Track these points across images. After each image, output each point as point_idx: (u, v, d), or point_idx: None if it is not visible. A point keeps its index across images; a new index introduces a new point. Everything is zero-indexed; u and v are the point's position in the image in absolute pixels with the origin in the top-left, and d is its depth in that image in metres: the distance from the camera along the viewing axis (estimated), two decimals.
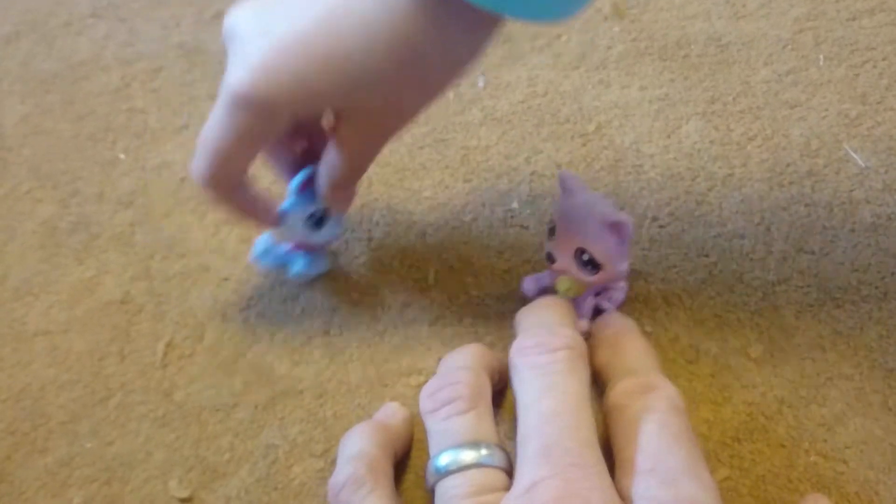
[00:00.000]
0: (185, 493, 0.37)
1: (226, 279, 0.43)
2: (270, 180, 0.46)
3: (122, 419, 0.39)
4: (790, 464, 0.36)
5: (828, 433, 0.37)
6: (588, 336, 0.38)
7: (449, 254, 0.44)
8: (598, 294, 0.40)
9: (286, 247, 0.42)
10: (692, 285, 0.42)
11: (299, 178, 0.40)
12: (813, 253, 0.43)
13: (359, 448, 0.35)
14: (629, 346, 0.37)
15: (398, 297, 0.43)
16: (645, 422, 0.32)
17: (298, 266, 0.42)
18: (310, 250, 0.42)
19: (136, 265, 0.44)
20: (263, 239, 0.42)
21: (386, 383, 0.40)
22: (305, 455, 0.37)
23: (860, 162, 0.46)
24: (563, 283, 0.39)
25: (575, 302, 0.39)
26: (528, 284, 0.41)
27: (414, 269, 0.44)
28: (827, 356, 0.39)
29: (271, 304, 0.42)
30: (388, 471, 0.34)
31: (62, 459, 0.38)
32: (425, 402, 0.34)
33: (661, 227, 0.44)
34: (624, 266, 0.38)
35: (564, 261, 0.38)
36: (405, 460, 0.37)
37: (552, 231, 0.39)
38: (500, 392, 0.38)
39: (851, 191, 0.45)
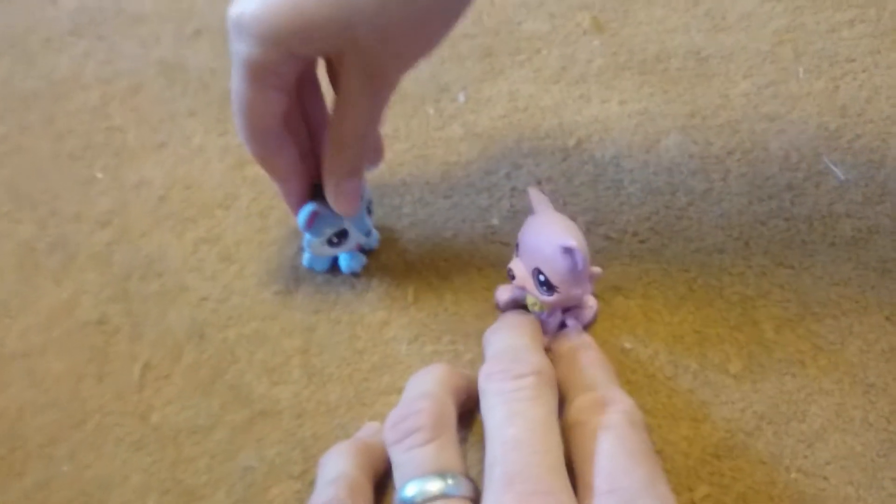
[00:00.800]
0: None
1: (204, 299, 0.43)
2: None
3: (99, 442, 0.39)
4: (771, 480, 0.36)
5: (808, 449, 0.37)
6: (547, 351, 0.39)
7: (429, 271, 0.44)
8: (566, 311, 0.40)
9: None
10: (672, 300, 0.42)
11: (304, 215, 0.40)
12: (793, 267, 0.43)
13: (339, 470, 0.34)
14: (585, 360, 0.37)
15: (377, 315, 0.42)
16: (602, 440, 0.32)
17: (343, 266, 0.44)
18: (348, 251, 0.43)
19: (113, 285, 0.44)
20: (307, 255, 0.43)
21: (365, 402, 0.39)
22: (283, 476, 0.37)
23: (840, 175, 0.46)
24: (531, 298, 0.39)
25: (542, 318, 0.39)
26: (501, 295, 0.42)
27: (393, 286, 0.43)
28: (807, 371, 0.39)
29: (250, 324, 0.42)
30: (368, 492, 0.34)
31: (39, 482, 0.38)
32: (388, 434, 0.34)
33: (640, 242, 0.44)
34: (578, 291, 0.37)
35: (524, 278, 0.38)
36: (385, 480, 0.37)
37: (517, 248, 0.39)
38: (471, 412, 0.38)
39: (831, 204, 0.45)
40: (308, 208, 0.40)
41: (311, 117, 0.41)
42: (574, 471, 0.32)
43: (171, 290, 0.44)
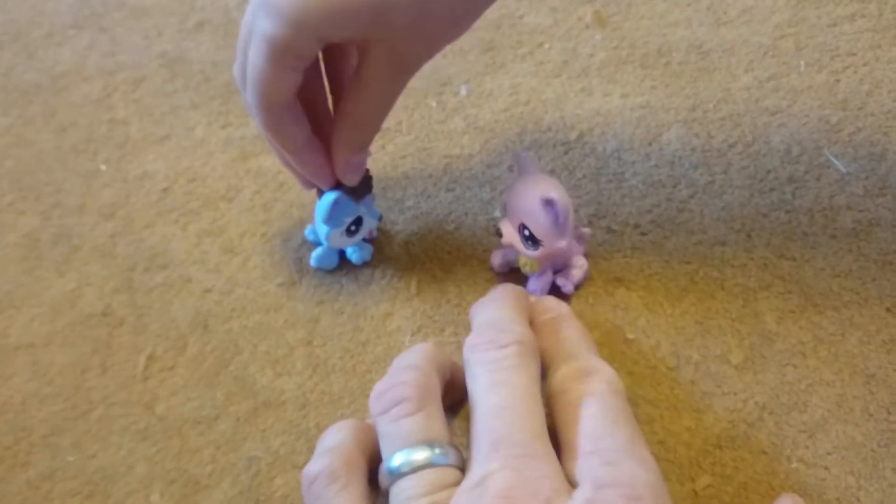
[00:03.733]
0: None
1: (208, 290, 0.43)
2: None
3: (104, 432, 0.39)
4: (772, 471, 0.36)
5: (809, 440, 0.37)
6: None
7: (432, 263, 0.44)
8: (558, 272, 0.41)
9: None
10: (674, 292, 0.42)
11: (326, 203, 0.40)
12: (794, 259, 0.43)
13: (336, 441, 0.34)
14: (567, 331, 0.37)
15: (381, 306, 0.43)
16: (585, 405, 0.32)
17: (354, 258, 0.44)
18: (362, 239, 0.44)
19: (117, 277, 0.44)
20: (316, 252, 0.44)
21: (368, 393, 0.39)
22: (288, 467, 0.37)
23: (841, 168, 0.47)
24: (521, 259, 0.41)
25: (532, 277, 0.41)
26: (494, 258, 0.43)
27: (396, 278, 0.44)
28: (808, 362, 0.39)
29: (254, 316, 0.42)
30: (363, 468, 0.34)
31: (44, 473, 0.38)
32: (374, 405, 0.34)
33: (642, 234, 0.44)
34: (561, 244, 0.39)
35: (511, 236, 0.40)
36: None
37: (505, 208, 0.41)
38: (456, 393, 0.38)
39: (832, 197, 0.45)
40: (331, 196, 0.40)
41: (312, 93, 0.41)
42: (558, 438, 0.33)
43: (176, 281, 0.44)
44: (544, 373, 0.36)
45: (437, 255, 0.45)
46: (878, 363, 0.39)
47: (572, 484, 0.30)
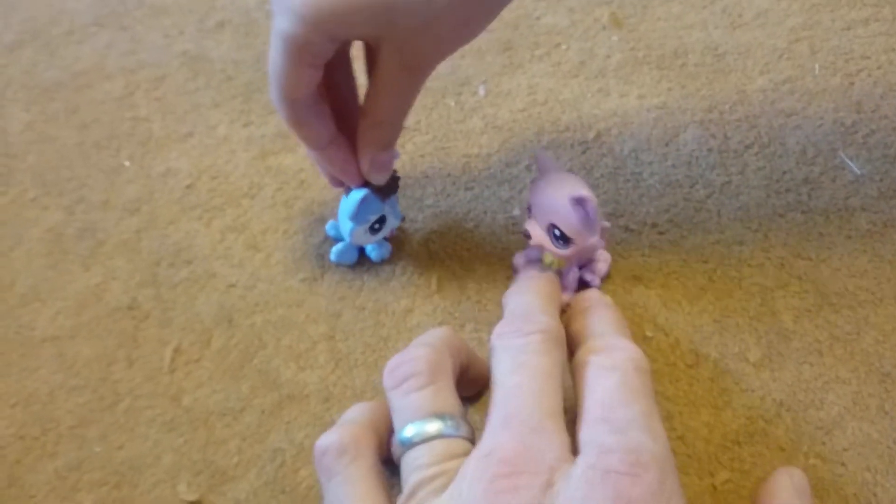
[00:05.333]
0: (193, 497, 0.37)
1: (232, 286, 0.44)
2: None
3: (131, 424, 0.39)
4: (790, 466, 0.37)
5: (826, 436, 0.38)
6: (565, 309, 0.40)
7: (452, 260, 0.45)
8: (582, 267, 0.42)
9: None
10: (692, 291, 0.43)
11: (355, 200, 0.41)
12: (810, 259, 0.43)
13: (351, 417, 0.35)
14: (602, 313, 0.38)
15: (402, 302, 0.43)
16: (605, 376, 0.33)
17: (374, 256, 0.44)
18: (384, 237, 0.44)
19: (142, 272, 0.45)
20: (336, 247, 0.44)
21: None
22: (312, 459, 0.38)
23: (856, 170, 0.47)
24: (547, 257, 0.41)
25: (559, 275, 0.41)
26: (518, 259, 0.43)
27: (417, 275, 0.44)
28: (824, 360, 0.40)
29: (277, 310, 0.43)
30: (373, 444, 0.34)
31: (71, 464, 0.39)
32: (386, 378, 0.35)
33: (660, 233, 0.45)
34: (593, 240, 0.40)
35: (540, 237, 0.40)
36: None
37: (529, 210, 0.41)
38: (480, 394, 0.39)
39: (847, 198, 0.46)
40: (359, 193, 0.41)
41: (340, 91, 0.41)
42: (576, 406, 0.33)
43: (200, 276, 0.44)
44: (573, 350, 0.37)
45: (456, 252, 0.45)
46: (893, 362, 0.40)
47: (578, 450, 0.31)
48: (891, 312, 0.41)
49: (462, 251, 0.45)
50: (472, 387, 0.38)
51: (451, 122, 0.51)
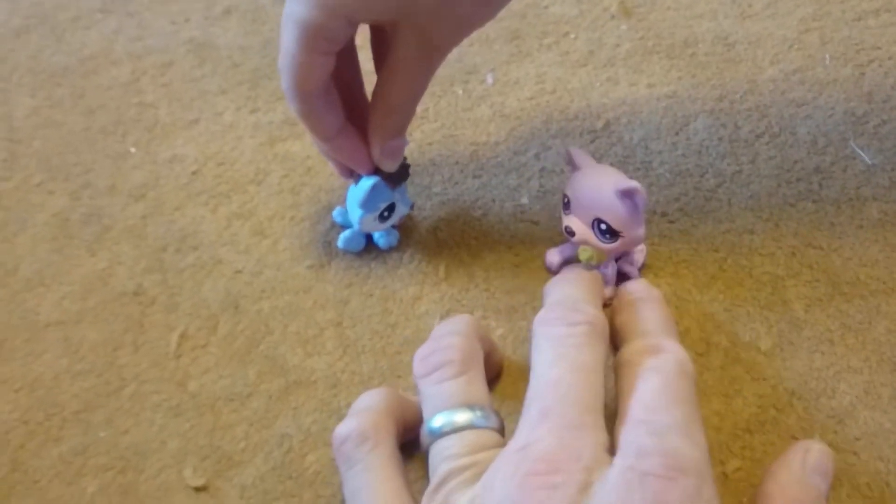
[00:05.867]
0: (199, 482, 0.37)
1: (238, 272, 0.44)
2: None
3: (137, 409, 0.39)
4: None
5: (838, 425, 0.37)
6: (612, 300, 0.40)
7: (459, 248, 0.44)
8: (618, 259, 0.41)
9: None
10: (702, 280, 0.42)
11: (361, 194, 0.41)
12: (821, 248, 0.43)
13: (367, 404, 0.35)
14: (649, 311, 0.38)
15: (409, 290, 0.43)
16: (649, 378, 0.33)
17: (382, 243, 0.44)
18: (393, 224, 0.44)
19: (148, 257, 0.44)
20: (344, 234, 0.44)
21: (398, 374, 0.40)
22: (319, 444, 0.38)
23: (867, 159, 0.47)
24: (584, 253, 0.40)
25: (600, 270, 0.41)
26: (552, 257, 0.43)
27: (425, 262, 0.44)
28: (836, 349, 0.40)
29: (283, 296, 0.43)
30: (392, 431, 0.34)
31: (76, 448, 0.38)
32: (418, 367, 0.35)
33: (670, 222, 0.45)
34: (641, 231, 0.39)
35: (583, 232, 0.39)
36: (412, 442, 0.37)
37: (567, 205, 0.40)
38: (496, 378, 0.39)
39: (858, 188, 0.46)
40: (371, 181, 0.40)
41: (346, 78, 0.41)
42: (617, 405, 0.33)
43: (206, 262, 0.44)
44: (618, 346, 0.36)
45: (464, 240, 0.45)
46: None
47: (618, 449, 0.30)
48: None
49: (470, 239, 0.45)
50: (490, 372, 0.38)
51: (459, 110, 0.51)
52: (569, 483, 0.29)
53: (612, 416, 0.32)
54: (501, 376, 0.39)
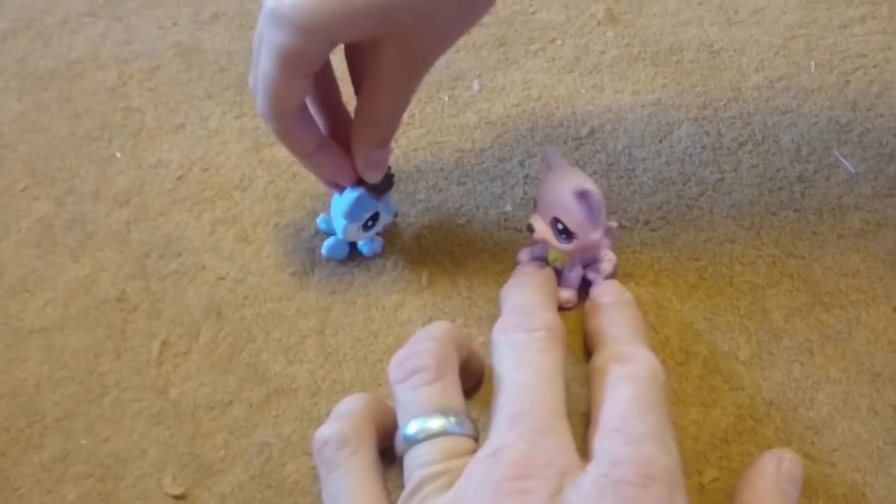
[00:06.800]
0: (178, 490, 0.37)
1: (221, 278, 0.44)
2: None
3: (117, 416, 0.39)
4: None
5: (815, 436, 0.38)
6: (573, 306, 0.41)
7: (443, 256, 0.45)
8: (587, 266, 0.42)
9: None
10: (683, 288, 0.42)
11: (350, 199, 0.41)
12: (802, 257, 0.43)
13: (348, 408, 0.35)
14: (622, 316, 0.38)
15: (392, 297, 0.43)
16: (622, 385, 0.33)
17: (366, 251, 0.44)
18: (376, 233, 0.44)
19: (131, 263, 0.45)
20: (328, 242, 0.44)
21: (380, 382, 0.40)
22: (299, 453, 0.38)
23: (850, 168, 0.47)
24: (551, 254, 0.41)
25: (563, 272, 0.41)
26: (522, 256, 0.43)
27: (408, 270, 0.44)
28: (815, 360, 0.40)
29: (266, 304, 0.43)
30: (373, 436, 0.35)
31: (57, 456, 0.38)
32: (393, 372, 0.35)
33: (652, 230, 0.45)
34: (596, 235, 0.39)
35: (543, 231, 0.40)
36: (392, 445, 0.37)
37: (535, 204, 0.41)
38: (477, 386, 0.39)
39: (841, 197, 0.46)
40: (355, 192, 0.40)
41: (323, 93, 0.41)
42: (590, 412, 0.34)
43: (190, 269, 0.44)
44: (591, 352, 0.37)
45: (448, 247, 0.45)
46: (884, 362, 0.40)
47: (590, 457, 0.31)
48: (882, 312, 0.41)
49: (453, 246, 0.45)
50: (470, 380, 0.38)
51: (445, 116, 0.51)
52: (541, 488, 0.29)
53: (579, 420, 0.33)
54: (482, 384, 0.40)
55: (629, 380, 0.33)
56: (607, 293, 0.40)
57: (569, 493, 0.29)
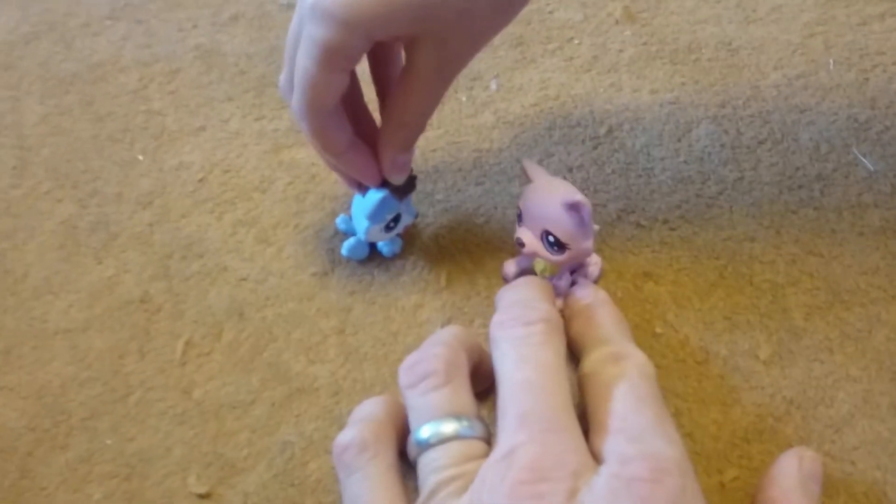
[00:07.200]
0: (203, 489, 0.37)
1: (243, 279, 0.44)
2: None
3: (142, 416, 0.40)
4: None
5: (836, 434, 0.38)
6: (562, 311, 0.40)
7: (462, 255, 0.45)
8: (573, 272, 0.42)
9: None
10: (702, 287, 0.43)
11: (369, 207, 0.41)
12: (822, 256, 0.43)
13: (368, 412, 0.36)
14: (602, 317, 0.38)
15: (411, 298, 0.43)
16: (615, 387, 0.33)
17: (386, 251, 0.45)
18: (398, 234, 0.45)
19: (154, 265, 0.45)
20: (348, 242, 0.44)
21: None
22: (321, 451, 0.38)
23: (869, 166, 0.47)
24: (538, 265, 0.41)
25: (553, 282, 0.41)
26: (509, 268, 0.43)
27: (427, 270, 0.44)
28: (835, 358, 0.40)
29: (287, 304, 0.43)
30: (393, 440, 0.35)
31: (82, 455, 0.39)
32: (403, 377, 0.35)
33: (671, 229, 0.45)
34: (588, 244, 0.39)
35: (533, 244, 0.40)
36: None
37: (520, 217, 0.41)
38: (488, 390, 0.39)
39: (860, 195, 0.46)
40: (379, 193, 0.41)
41: (351, 94, 0.41)
42: (588, 418, 0.34)
43: (212, 270, 0.45)
44: (577, 356, 0.37)
45: (466, 247, 0.45)
46: None
47: (599, 461, 0.31)
48: None
49: (472, 246, 0.45)
50: (482, 383, 0.38)
51: (463, 116, 0.51)
52: (556, 491, 0.29)
53: (581, 419, 0.33)
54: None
55: (620, 378, 0.34)
56: (584, 296, 0.40)
57: (583, 495, 0.29)
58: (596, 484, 0.30)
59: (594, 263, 0.42)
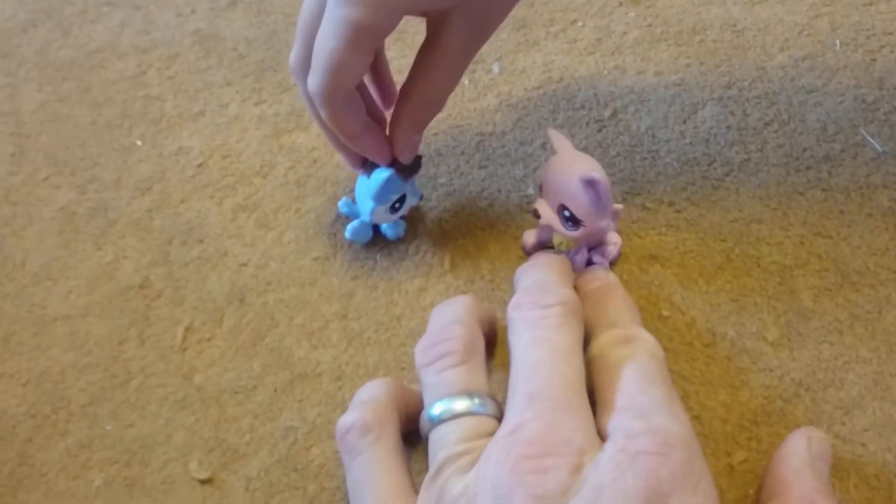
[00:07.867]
0: (205, 474, 0.37)
1: (244, 264, 0.44)
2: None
3: (142, 402, 0.39)
4: None
5: (846, 416, 0.37)
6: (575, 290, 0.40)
7: (465, 239, 0.44)
8: (591, 249, 0.41)
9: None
10: (709, 269, 0.42)
11: (375, 187, 0.41)
12: (830, 237, 0.43)
13: (370, 395, 0.36)
14: (612, 300, 0.38)
15: (415, 282, 0.43)
16: (623, 367, 0.33)
17: (390, 234, 0.44)
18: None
19: (154, 250, 0.45)
20: (352, 225, 0.43)
21: (403, 366, 0.40)
22: (324, 436, 0.38)
23: (877, 147, 0.46)
24: (556, 238, 0.40)
25: (568, 256, 0.41)
26: (528, 238, 0.43)
27: (430, 254, 0.44)
28: (844, 340, 0.39)
29: (289, 289, 0.43)
30: (395, 422, 0.35)
31: (82, 442, 0.38)
32: (420, 357, 0.35)
33: (677, 211, 0.44)
34: (603, 223, 0.39)
35: (549, 217, 0.40)
36: (415, 432, 0.37)
37: (540, 189, 0.40)
38: (490, 343, 0.39)
39: (868, 175, 0.45)
40: (385, 173, 0.40)
41: (377, 72, 0.41)
42: (596, 398, 0.33)
43: (212, 255, 0.44)
44: (587, 339, 0.36)
45: (469, 231, 0.45)
46: None
47: (605, 439, 0.31)
48: None
49: (475, 230, 0.45)
50: (488, 337, 0.39)
51: (466, 100, 0.51)
52: (560, 466, 0.29)
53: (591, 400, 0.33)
54: (496, 343, 0.40)
55: (629, 360, 0.33)
56: (594, 279, 0.39)
57: (588, 470, 0.29)
58: (601, 459, 0.29)
59: (613, 243, 0.42)
